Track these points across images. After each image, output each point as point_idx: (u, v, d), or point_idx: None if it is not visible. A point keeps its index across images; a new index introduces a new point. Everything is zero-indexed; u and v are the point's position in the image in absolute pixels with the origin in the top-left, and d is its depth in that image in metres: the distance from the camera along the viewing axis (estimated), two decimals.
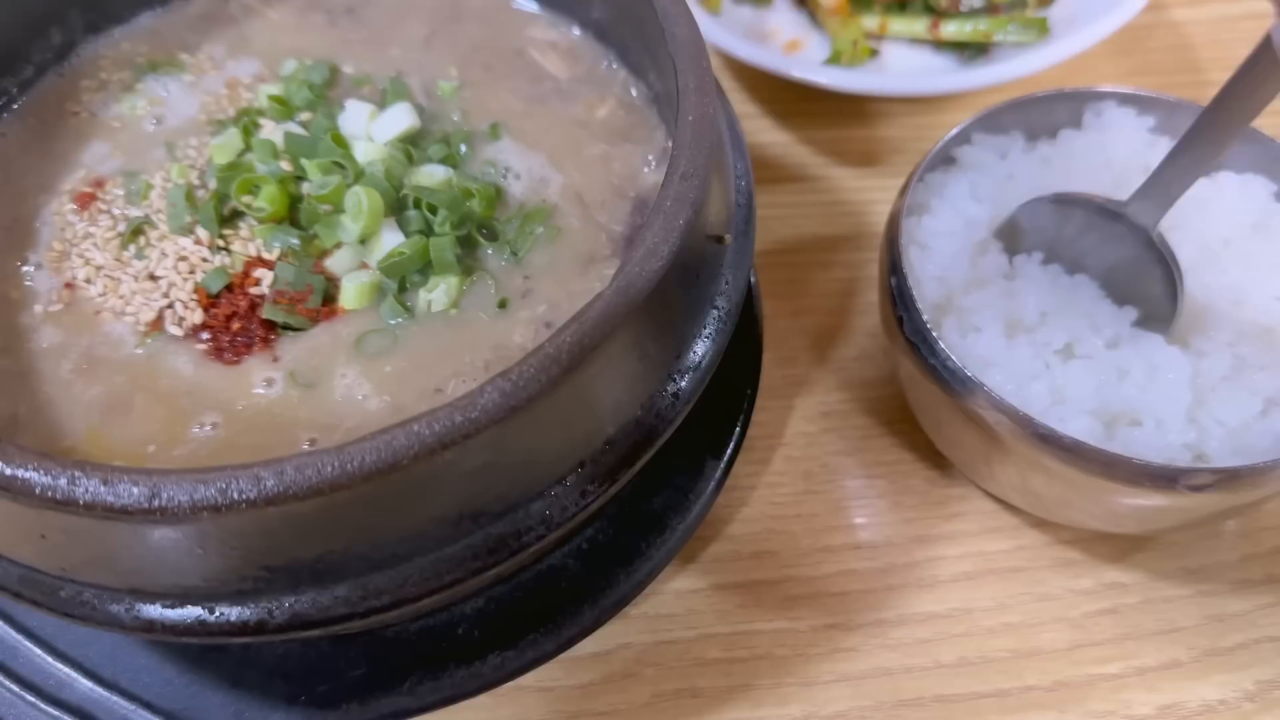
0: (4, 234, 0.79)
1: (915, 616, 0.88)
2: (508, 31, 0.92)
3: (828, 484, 0.94)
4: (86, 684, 0.76)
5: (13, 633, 0.78)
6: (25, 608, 0.65)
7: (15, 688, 0.75)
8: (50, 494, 0.56)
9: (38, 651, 0.77)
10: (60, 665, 0.76)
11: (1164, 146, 0.91)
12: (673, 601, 0.88)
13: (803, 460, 0.96)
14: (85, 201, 0.81)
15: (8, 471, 0.57)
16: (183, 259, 0.77)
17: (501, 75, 0.89)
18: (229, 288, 0.75)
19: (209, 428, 0.70)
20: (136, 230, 0.78)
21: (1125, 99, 0.93)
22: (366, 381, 0.72)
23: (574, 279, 0.77)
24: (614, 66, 0.89)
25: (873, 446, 0.96)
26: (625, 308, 0.63)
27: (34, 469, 0.56)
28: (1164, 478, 0.75)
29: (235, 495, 0.55)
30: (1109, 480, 0.77)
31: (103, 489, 0.56)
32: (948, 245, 0.89)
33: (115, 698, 0.76)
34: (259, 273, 0.76)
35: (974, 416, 0.81)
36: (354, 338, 0.74)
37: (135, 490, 0.55)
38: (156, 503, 0.55)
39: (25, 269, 0.77)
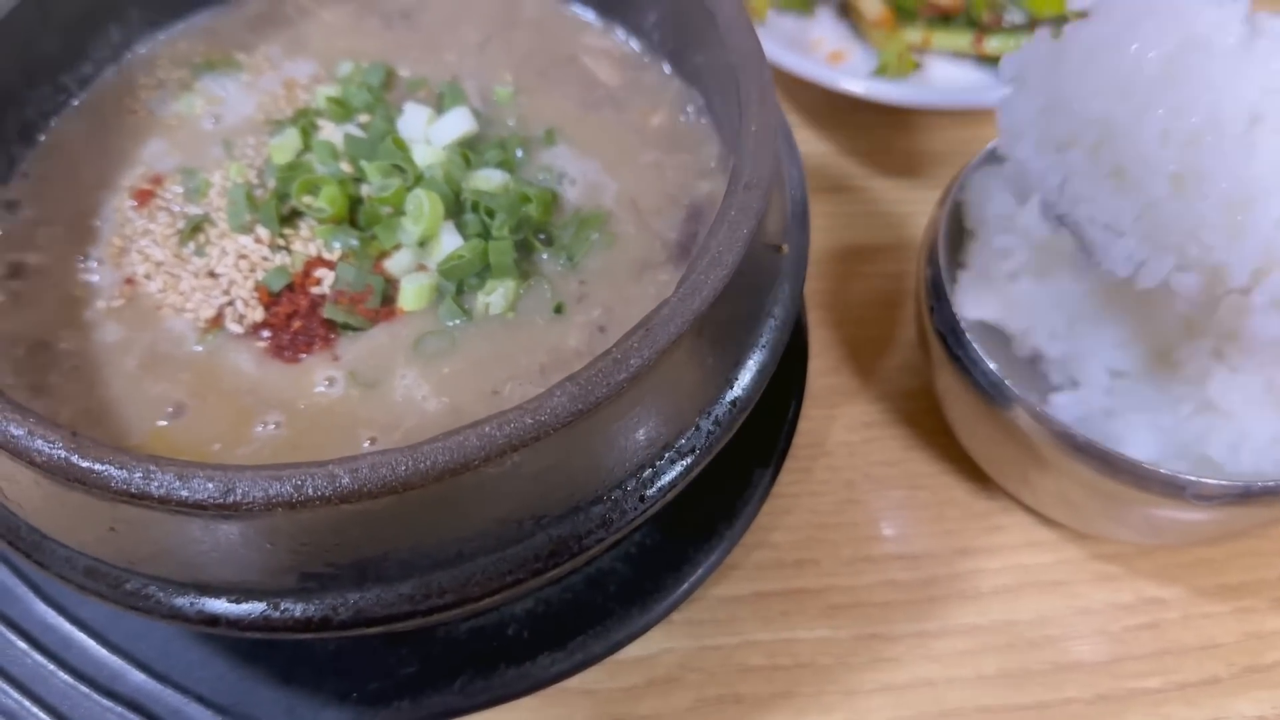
0: (66, 229, 0.80)
1: (957, 628, 0.88)
2: (561, 38, 0.93)
3: (870, 494, 0.95)
4: (140, 676, 0.77)
5: (65, 624, 0.78)
6: (88, 599, 0.65)
7: (69, 679, 0.76)
8: (126, 487, 0.57)
9: (91, 644, 0.77)
10: (114, 657, 0.77)
11: None
12: (715, 607, 0.88)
13: (845, 470, 0.96)
14: (144, 198, 0.81)
15: (84, 464, 0.57)
16: (243, 257, 0.78)
17: (555, 81, 0.90)
18: (290, 286, 0.76)
19: (272, 426, 0.70)
20: (196, 227, 0.79)
21: None
22: (425, 383, 0.73)
23: (628, 285, 0.78)
24: (667, 74, 0.89)
25: (914, 457, 0.97)
26: (690, 315, 0.63)
27: (110, 462, 0.57)
28: (1173, 485, 0.76)
29: (310, 491, 0.56)
30: (1145, 493, 0.78)
31: (177, 483, 0.56)
32: (992, 246, 0.89)
33: (168, 691, 0.76)
34: (319, 272, 0.77)
35: (1010, 427, 0.81)
36: (413, 339, 0.74)
37: (210, 485, 0.56)
38: (231, 498, 0.56)
39: (87, 264, 0.78)
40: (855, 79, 1.11)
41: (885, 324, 1.06)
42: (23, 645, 0.77)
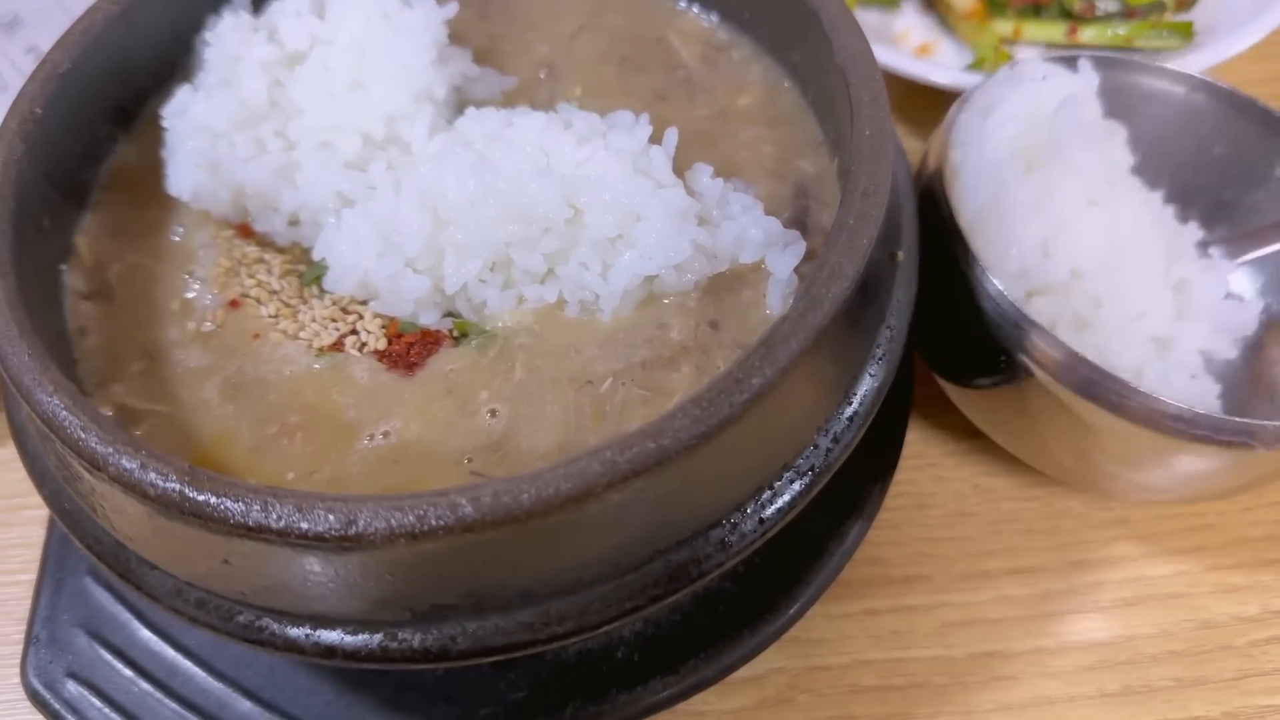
0: (170, 248, 0.78)
1: (1076, 644, 0.85)
2: (653, 21, 0.90)
3: (980, 506, 0.92)
4: (246, 704, 0.75)
5: (170, 650, 0.78)
6: (200, 631, 0.64)
7: (177, 706, 0.75)
8: (243, 520, 0.56)
9: (197, 671, 0.76)
10: (220, 685, 0.76)
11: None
12: (824, 626, 0.86)
13: (953, 481, 0.93)
14: (245, 232, 0.79)
15: (199, 498, 0.56)
16: None
17: (634, 69, 0.87)
18: None
19: (380, 438, 0.68)
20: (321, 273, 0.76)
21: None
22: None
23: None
24: (755, 54, 0.87)
25: (1025, 467, 0.93)
26: (811, 331, 0.61)
27: (226, 495, 0.56)
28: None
29: (433, 521, 0.55)
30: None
31: (297, 515, 0.55)
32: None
33: (275, 718, 0.75)
34: None
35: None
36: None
37: (331, 517, 0.55)
38: (353, 530, 0.55)
39: (188, 280, 0.76)
40: (949, 71, 1.07)
41: None
42: (129, 673, 0.76)
